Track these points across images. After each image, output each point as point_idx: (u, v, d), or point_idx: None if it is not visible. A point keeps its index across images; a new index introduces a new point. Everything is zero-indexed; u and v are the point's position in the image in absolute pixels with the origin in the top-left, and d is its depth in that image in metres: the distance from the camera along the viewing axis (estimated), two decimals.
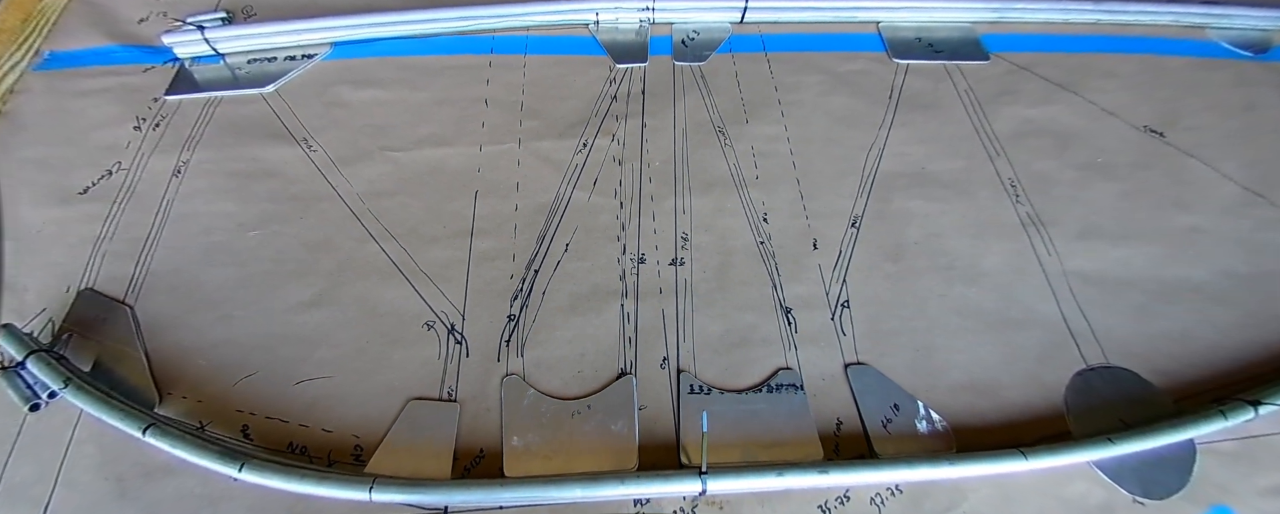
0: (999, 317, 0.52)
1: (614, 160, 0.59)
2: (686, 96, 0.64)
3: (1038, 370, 0.49)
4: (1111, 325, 0.52)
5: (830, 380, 0.48)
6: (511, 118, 0.62)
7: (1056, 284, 0.54)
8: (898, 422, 0.46)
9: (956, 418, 0.47)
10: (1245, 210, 0.60)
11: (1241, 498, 0.45)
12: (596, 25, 0.70)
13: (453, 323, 0.51)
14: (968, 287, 0.53)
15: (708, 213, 0.56)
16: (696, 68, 0.67)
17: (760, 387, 0.48)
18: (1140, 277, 0.55)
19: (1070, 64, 0.70)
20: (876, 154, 0.61)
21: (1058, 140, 0.63)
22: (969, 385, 0.48)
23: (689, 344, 0.49)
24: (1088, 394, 0.49)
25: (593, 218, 0.56)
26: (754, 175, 0.59)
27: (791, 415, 0.46)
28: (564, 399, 0.47)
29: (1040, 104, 0.66)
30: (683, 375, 0.48)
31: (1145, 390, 0.49)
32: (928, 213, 0.57)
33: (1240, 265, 0.56)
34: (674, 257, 0.53)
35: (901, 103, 0.65)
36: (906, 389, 0.48)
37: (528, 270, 0.53)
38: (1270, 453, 0.47)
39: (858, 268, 0.54)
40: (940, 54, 0.70)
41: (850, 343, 0.50)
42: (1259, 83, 0.71)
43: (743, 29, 0.70)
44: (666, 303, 0.51)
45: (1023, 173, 0.60)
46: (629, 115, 0.62)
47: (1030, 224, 0.57)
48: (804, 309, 0.51)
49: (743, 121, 0.62)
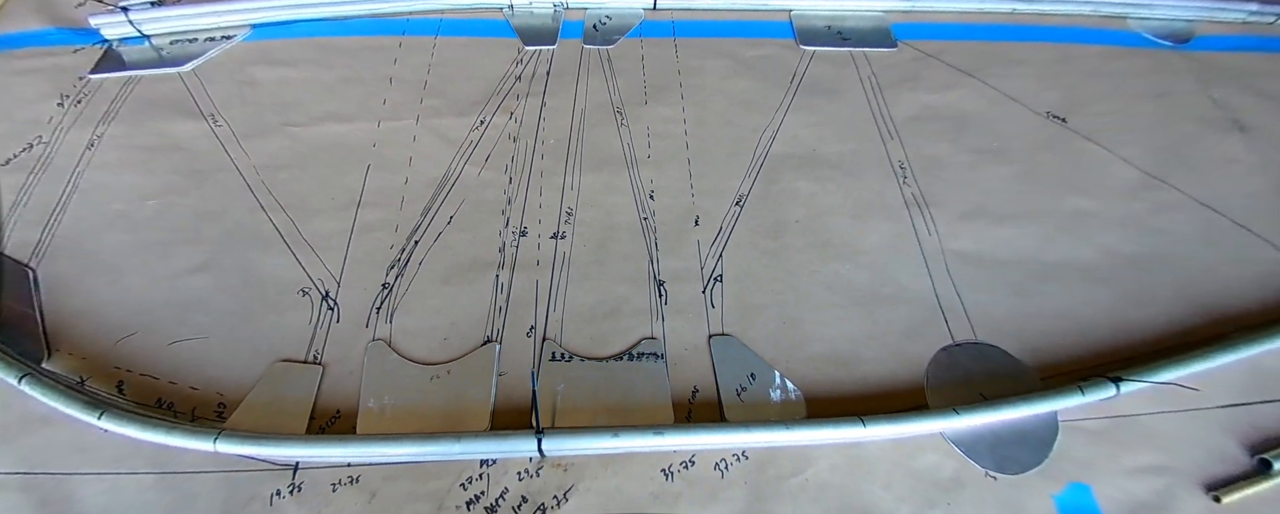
0: (870, 292, 0.52)
1: (509, 138, 0.60)
2: (590, 78, 0.65)
3: (902, 345, 0.50)
4: (985, 303, 0.52)
5: (692, 350, 0.49)
6: (413, 96, 0.64)
7: (933, 263, 0.54)
8: (752, 390, 0.47)
9: (813, 388, 0.47)
10: (1142, 193, 0.60)
11: (1103, 476, 0.45)
12: (511, 10, 0.71)
13: (328, 290, 0.52)
14: (842, 263, 0.53)
15: (596, 190, 0.57)
16: (604, 51, 0.68)
17: (622, 355, 0.48)
18: (1021, 257, 0.55)
19: (980, 51, 0.71)
20: (770, 136, 0.62)
21: (955, 124, 0.64)
22: (830, 357, 0.49)
23: (559, 314, 0.50)
24: (950, 369, 0.49)
25: (480, 192, 0.57)
26: (647, 154, 0.59)
27: (649, 383, 0.47)
28: (426, 364, 0.48)
29: (942, 90, 0.66)
30: (547, 343, 0.49)
31: (1011, 366, 0.49)
32: (813, 192, 0.58)
33: (1127, 246, 0.56)
34: (556, 230, 0.54)
35: (802, 88, 0.66)
36: (767, 359, 0.48)
37: (408, 241, 0.54)
38: (1139, 433, 0.47)
39: (736, 244, 0.54)
40: (848, 41, 0.71)
41: (718, 315, 0.50)
42: (1176, 71, 0.71)
43: (656, 15, 0.72)
44: (542, 274, 0.52)
45: (914, 155, 0.61)
46: (530, 95, 0.64)
47: (914, 205, 0.57)
48: (677, 282, 0.52)
49: (642, 103, 0.63)
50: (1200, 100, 0.69)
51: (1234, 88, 0.70)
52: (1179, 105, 0.68)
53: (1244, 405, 0.49)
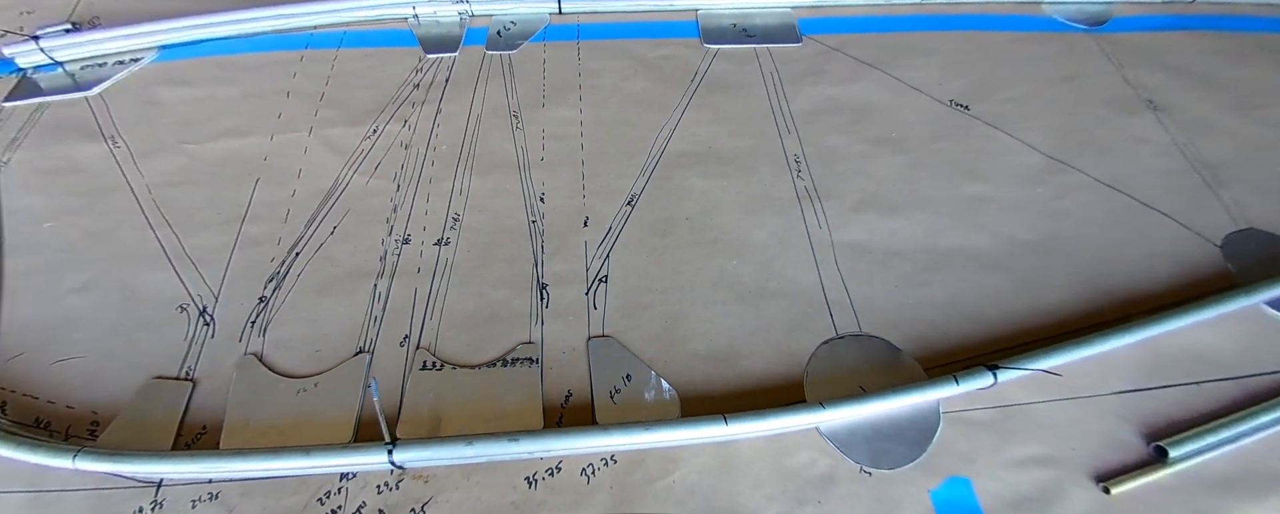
0: (756, 288, 0.51)
1: (401, 145, 0.60)
2: (489, 84, 0.65)
3: (784, 340, 0.48)
4: (872, 295, 0.51)
5: (570, 353, 0.48)
6: (309, 108, 0.64)
7: (822, 255, 0.53)
8: (626, 392, 0.45)
9: (691, 387, 0.46)
10: (1044, 177, 0.59)
11: (985, 469, 0.43)
12: (416, 19, 0.72)
13: (205, 305, 0.51)
14: (729, 259, 0.53)
15: (485, 194, 0.57)
16: (506, 56, 0.68)
17: (495, 362, 0.47)
18: (912, 247, 0.54)
19: (886, 43, 0.70)
20: (667, 134, 0.61)
21: (854, 116, 0.63)
22: (709, 355, 0.48)
23: (436, 322, 0.49)
24: (831, 362, 0.47)
25: (366, 201, 0.56)
26: (540, 157, 0.59)
27: (520, 388, 0.46)
28: (294, 377, 0.47)
29: (844, 83, 0.66)
30: (419, 352, 0.48)
31: (893, 358, 0.48)
32: (706, 189, 0.57)
33: (1026, 232, 0.55)
34: (441, 237, 0.54)
35: (702, 85, 0.66)
36: (645, 360, 0.47)
37: (289, 253, 0.54)
38: (1027, 422, 0.45)
39: (624, 244, 0.54)
40: (753, 38, 0.70)
41: (600, 316, 0.49)
42: (1088, 54, 0.70)
43: (562, 19, 0.72)
44: (422, 282, 0.52)
45: (811, 148, 0.60)
46: (426, 102, 0.63)
47: (806, 198, 0.56)
48: (560, 285, 0.51)
49: (539, 106, 0.63)
50: (1113, 81, 0.68)
51: (1149, 67, 0.69)
52: (1090, 87, 0.67)
53: (1142, 391, 0.48)
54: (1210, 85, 0.69)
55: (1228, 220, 0.58)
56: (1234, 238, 0.57)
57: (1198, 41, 0.73)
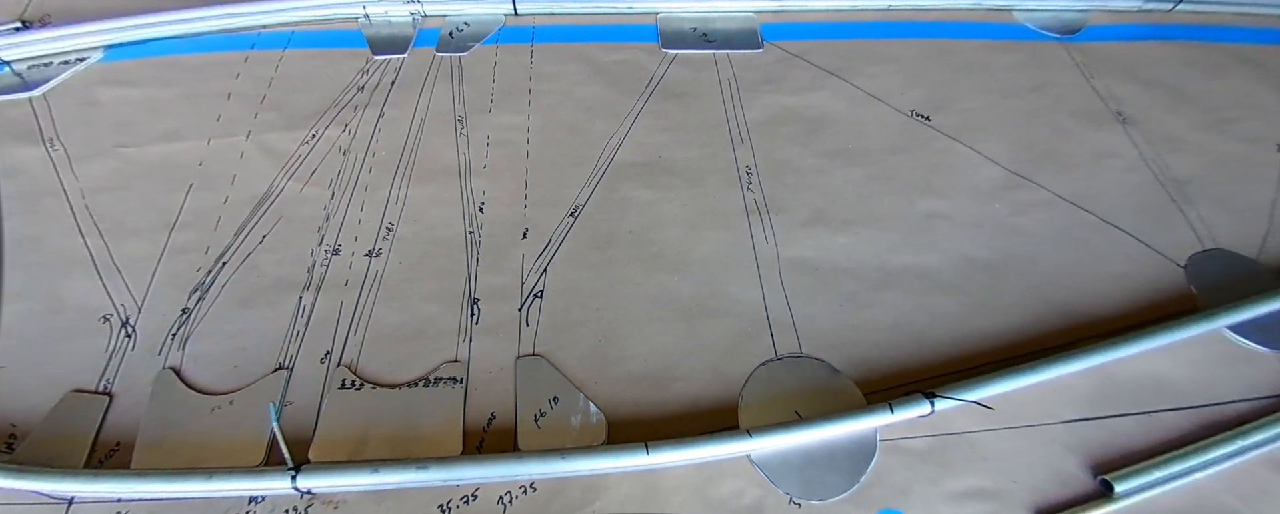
0: (696, 306, 0.49)
1: (340, 151, 0.58)
2: (435, 87, 0.63)
3: (721, 361, 0.47)
4: (816, 314, 0.49)
5: (497, 373, 0.46)
6: (249, 111, 0.62)
7: (767, 272, 0.51)
8: (552, 415, 0.44)
9: (620, 410, 0.44)
10: (1003, 193, 0.57)
11: (921, 502, 0.42)
12: (367, 19, 0.70)
13: (128, 316, 0.49)
14: (670, 275, 0.51)
15: (422, 203, 0.55)
16: (457, 59, 0.66)
17: (418, 381, 0.46)
18: (861, 264, 0.52)
19: (849, 50, 0.68)
20: (617, 143, 0.59)
21: (810, 127, 0.61)
22: (642, 377, 0.46)
23: (360, 338, 0.48)
24: (769, 385, 0.46)
25: (298, 209, 0.55)
26: (483, 164, 0.57)
27: (441, 410, 0.44)
28: (210, 394, 0.45)
29: (803, 91, 0.64)
30: (339, 370, 0.46)
31: (833, 382, 0.46)
32: (651, 201, 0.55)
33: (980, 251, 0.53)
34: (372, 247, 0.52)
35: (658, 92, 0.63)
36: (575, 381, 0.45)
37: (216, 263, 0.52)
38: (969, 452, 0.43)
39: (563, 257, 0.52)
40: (713, 43, 0.68)
41: (531, 334, 0.48)
42: (1058, 64, 0.68)
43: (517, 20, 0.69)
44: (349, 295, 0.50)
45: (763, 160, 0.58)
46: (369, 106, 0.61)
47: (755, 212, 0.54)
48: (493, 300, 0.49)
49: (486, 111, 0.61)
50: (1082, 93, 0.65)
51: (1120, 78, 0.67)
52: (1057, 98, 0.65)
53: (1091, 420, 0.46)
54: (1182, 98, 0.67)
55: (1194, 240, 0.56)
56: (1199, 258, 0.55)
57: (1173, 52, 0.70)
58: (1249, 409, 0.47)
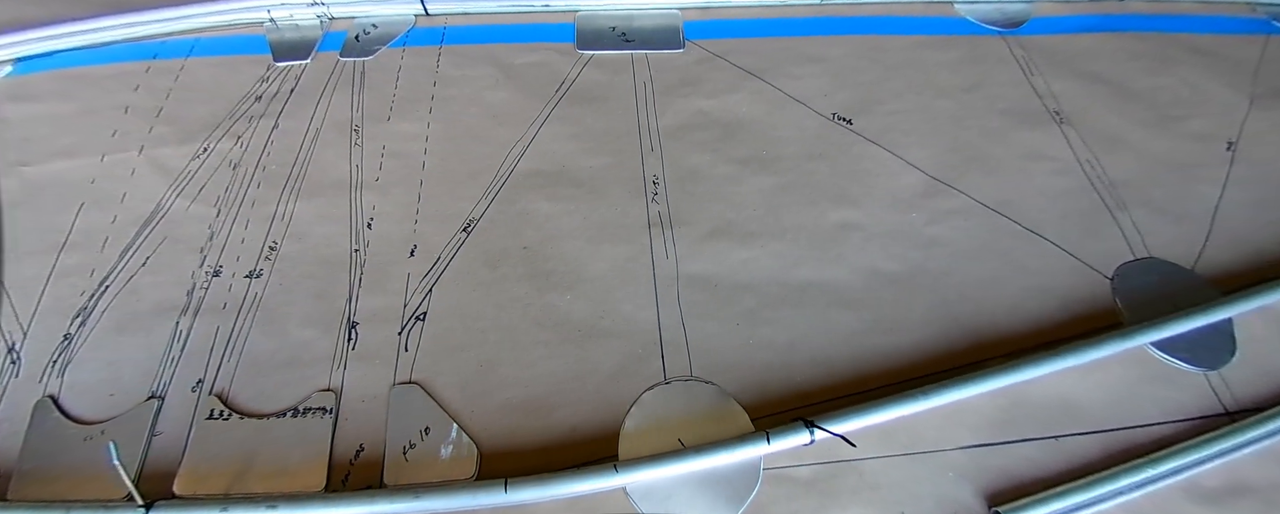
0: (586, 327, 0.47)
1: (230, 165, 0.56)
2: (335, 94, 0.60)
3: (607, 386, 0.44)
4: (711, 334, 0.47)
5: (371, 402, 0.44)
6: (144, 125, 0.59)
7: (664, 290, 0.49)
8: (422, 447, 0.42)
9: (496, 441, 0.43)
10: (922, 201, 0.54)
11: None
12: (273, 24, 0.67)
13: (14, 342, 0.48)
14: (563, 294, 0.48)
15: (308, 219, 0.53)
16: (361, 63, 0.63)
17: (286, 412, 0.44)
18: (762, 279, 0.49)
19: (775, 49, 0.65)
20: (520, 152, 0.57)
21: (724, 132, 0.58)
22: (521, 405, 0.44)
23: (233, 365, 0.46)
24: (655, 411, 0.43)
25: (183, 228, 0.53)
26: (375, 177, 0.55)
27: (308, 442, 0.42)
28: (85, 423, 0.44)
29: (721, 94, 0.61)
30: (209, 399, 0.44)
31: (722, 407, 0.44)
32: (550, 214, 0.53)
33: (890, 263, 0.50)
34: (253, 268, 0.50)
35: (568, 96, 0.61)
36: (451, 410, 0.43)
37: (99, 286, 0.50)
38: (855, 481, 0.41)
39: (451, 276, 0.50)
40: (632, 43, 0.65)
41: (410, 360, 0.46)
42: (997, 59, 0.64)
43: (428, 21, 0.67)
44: (226, 319, 0.48)
45: (671, 169, 0.55)
46: (264, 116, 0.59)
47: (657, 224, 0.52)
48: (372, 323, 0.47)
49: (384, 119, 0.59)
50: (1019, 91, 0.62)
51: (1062, 73, 0.63)
52: (991, 97, 0.61)
53: (991, 446, 0.44)
54: (1127, 94, 0.63)
55: (1125, 249, 0.53)
56: (1129, 269, 0.52)
57: (1122, 44, 0.66)
58: (1169, 433, 0.44)
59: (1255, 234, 0.54)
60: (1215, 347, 0.49)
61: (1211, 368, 0.48)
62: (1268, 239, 0.54)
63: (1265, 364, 0.47)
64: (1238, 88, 0.66)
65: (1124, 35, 0.69)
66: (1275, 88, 0.66)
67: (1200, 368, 0.48)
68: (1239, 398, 0.46)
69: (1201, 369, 0.48)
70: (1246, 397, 0.46)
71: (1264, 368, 0.47)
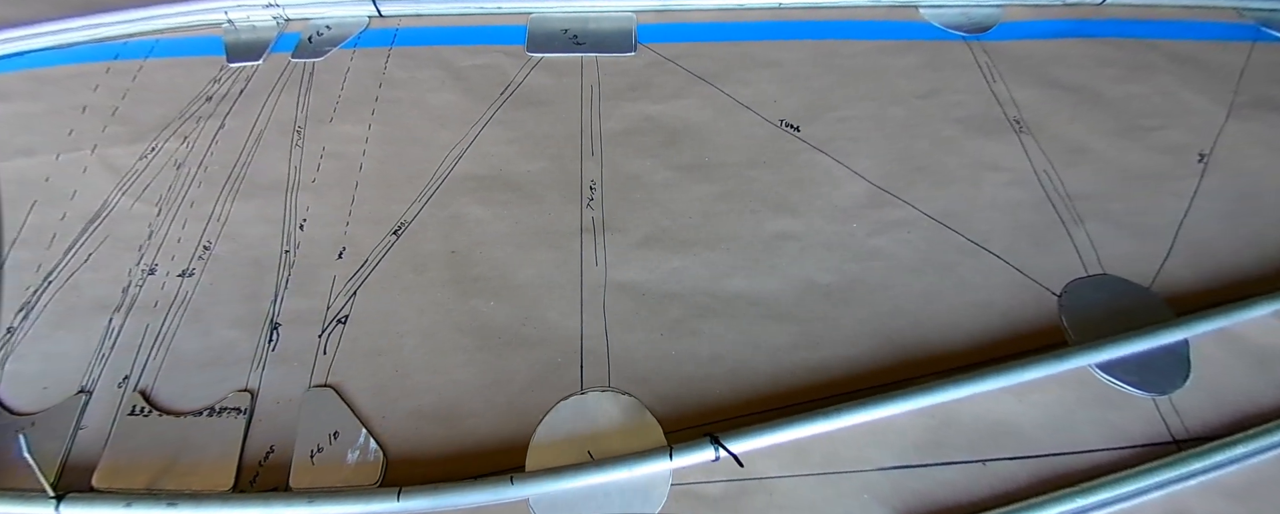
0: (508, 335, 0.46)
1: (175, 165, 0.56)
2: (282, 95, 0.61)
3: (522, 396, 0.44)
4: (634, 344, 0.46)
5: (285, 404, 0.44)
6: (99, 124, 0.60)
7: (590, 297, 0.48)
8: (329, 451, 0.42)
9: (404, 448, 0.42)
10: (863, 212, 0.52)
11: None
12: (231, 25, 0.68)
13: None
14: (487, 300, 0.48)
15: (243, 220, 0.53)
16: (311, 64, 0.63)
17: (203, 410, 0.44)
18: (691, 289, 0.48)
19: (729, 54, 0.64)
20: (458, 155, 0.56)
21: (668, 138, 0.57)
22: (433, 412, 0.43)
23: (159, 362, 0.46)
24: (567, 423, 0.43)
25: (125, 226, 0.53)
26: (312, 178, 0.55)
27: (222, 442, 0.42)
28: (19, 415, 0.45)
29: (668, 99, 0.60)
30: (133, 396, 0.45)
31: (635, 420, 0.43)
32: (483, 219, 0.52)
33: (826, 275, 0.49)
34: (186, 267, 0.50)
35: (512, 100, 0.60)
36: (362, 415, 0.43)
37: (44, 281, 0.51)
38: (765, 501, 0.39)
39: (377, 280, 0.49)
40: (583, 46, 0.64)
41: (328, 362, 0.45)
42: (958, 65, 0.62)
43: (382, 23, 0.67)
44: (156, 317, 0.48)
45: (611, 174, 0.55)
46: (212, 117, 0.60)
47: (590, 231, 0.51)
48: (294, 325, 0.47)
49: (327, 121, 0.59)
50: (978, 98, 0.60)
51: (1028, 80, 0.61)
52: (948, 105, 0.59)
53: (914, 468, 0.42)
54: (1097, 102, 0.61)
55: (1078, 264, 0.51)
56: (1079, 286, 0.50)
57: (1097, 50, 0.64)
58: (1108, 460, 0.42)
59: (1221, 251, 0.52)
60: (1167, 370, 0.47)
61: (1161, 393, 0.46)
62: (1235, 257, 0.52)
63: (1220, 391, 0.45)
64: (1217, 97, 0.63)
65: (1099, 41, 0.67)
66: (1257, 97, 0.63)
67: (1149, 393, 0.46)
68: (1190, 426, 0.44)
69: (1150, 394, 0.46)
70: (1197, 425, 0.44)
71: (1219, 395, 0.45)
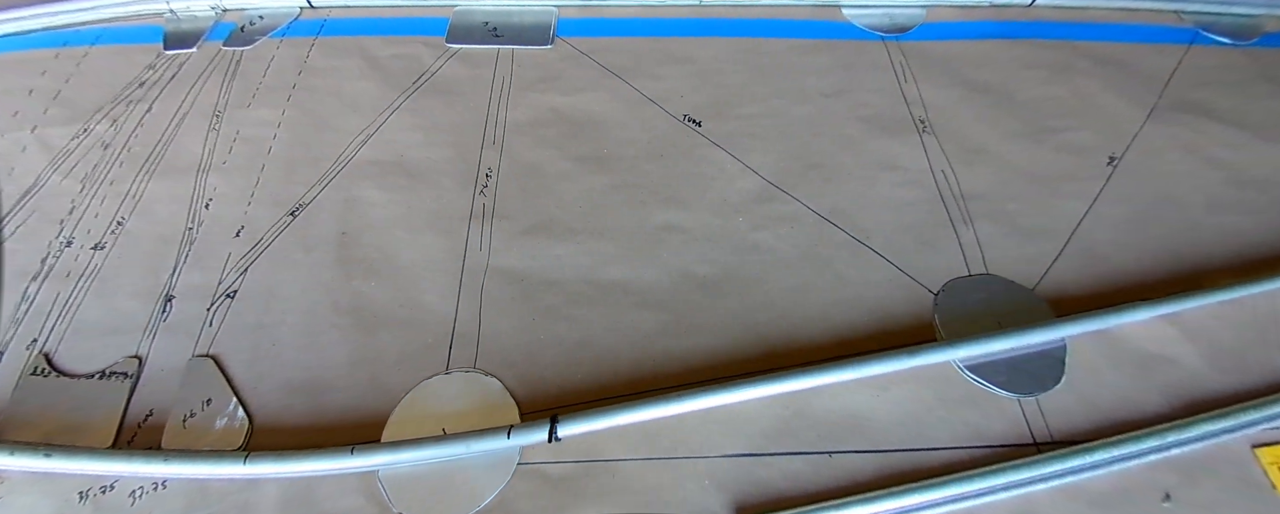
0: (384, 315, 0.48)
1: (103, 145, 0.59)
2: (208, 81, 0.63)
3: (388, 373, 0.45)
4: (505, 328, 0.47)
5: (168, 372, 0.46)
6: (41, 106, 0.63)
7: (470, 282, 0.49)
8: (201, 417, 0.44)
9: (270, 417, 0.44)
10: (751, 207, 0.52)
11: None
12: (172, 15, 0.71)
13: None
14: (368, 281, 0.49)
15: (156, 198, 0.55)
16: (238, 52, 0.66)
17: (96, 374, 0.46)
18: (571, 277, 0.49)
19: (645, 49, 0.64)
20: (363, 141, 0.58)
21: (572, 130, 0.58)
22: (302, 385, 0.45)
23: (64, 328, 0.49)
24: (428, 401, 0.44)
25: (52, 202, 0.56)
26: (223, 161, 0.57)
27: (107, 403, 0.45)
28: None
29: (578, 92, 0.61)
30: (37, 358, 0.47)
31: (494, 401, 0.44)
32: (377, 202, 0.54)
33: (704, 267, 0.49)
34: (99, 240, 0.53)
35: (424, 89, 0.62)
36: (236, 385, 0.45)
37: None
38: (607, 483, 0.40)
39: (268, 258, 0.51)
40: (501, 38, 0.65)
41: (212, 334, 0.48)
42: (870, 66, 0.62)
43: (313, 14, 0.69)
44: (68, 286, 0.51)
45: (510, 163, 0.56)
46: (143, 101, 0.62)
47: (480, 217, 0.52)
48: (187, 298, 0.50)
49: (245, 106, 0.61)
50: (886, 98, 0.59)
51: (943, 81, 0.61)
52: (854, 104, 0.59)
53: (760, 456, 0.43)
54: (1008, 103, 0.60)
55: (961, 264, 0.51)
56: (958, 285, 0.49)
57: (1019, 52, 0.63)
58: (957, 459, 0.42)
59: (1116, 255, 0.51)
60: (1038, 373, 0.46)
61: (1028, 394, 0.45)
62: (1130, 261, 0.51)
63: (1091, 395, 0.44)
64: (1138, 99, 0.61)
65: (1023, 43, 0.65)
66: (1182, 100, 0.62)
67: (1015, 394, 0.46)
68: (1054, 429, 0.44)
69: (1016, 395, 0.46)
70: (1063, 428, 0.44)
71: (1089, 399, 0.44)
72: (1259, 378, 0.46)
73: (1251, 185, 0.55)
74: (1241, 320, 0.48)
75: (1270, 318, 0.48)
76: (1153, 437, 0.42)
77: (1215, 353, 0.46)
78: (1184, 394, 0.45)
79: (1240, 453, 0.43)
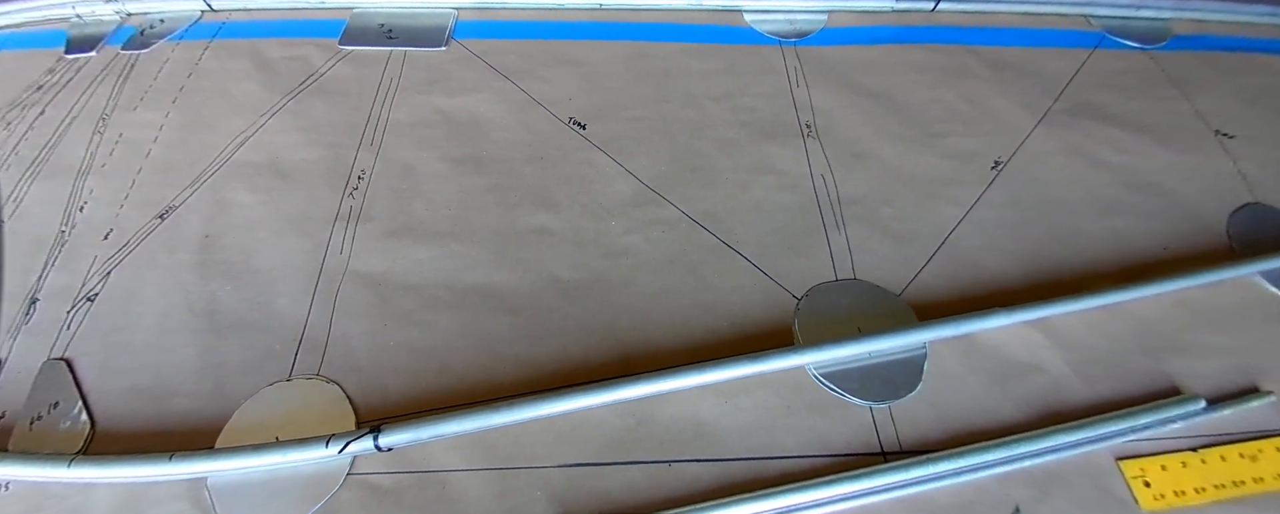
0: (235, 319, 0.47)
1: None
2: (101, 85, 0.63)
3: (232, 380, 0.44)
4: (356, 334, 0.46)
5: (24, 374, 0.45)
6: None
7: (326, 286, 0.49)
8: (46, 420, 0.43)
9: (113, 422, 0.43)
10: (625, 211, 0.52)
11: None
12: (79, 19, 0.70)
13: None
14: (224, 284, 0.49)
15: (35, 202, 0.55)
16: (134, 56, 0.66)
17: None
18: (430, 281, 0.49)
19: (537, 51, 0.64)
20: (241, 142, 0.58)
21: (453, 131, 0.58)
22: (148, 390, 0.44)
23: None
24: (267, 408, 0.43)
25: None
26: (103, 163, 0.57)
27: None
28: None
29: (464, 93, 0.60)
30: None
31: (332, 409, 0.43)
32: (246, 204, 0.53)
33: (570, 271, 0.49)
34: None
35: (309, 90, 0.61)
36: (84, 388, 0.45)
37: None
38: (434, 493, 0.39)
39: (132, 261, 0.51)
40: (395, 40, 0.65)
41: (69, 337, 0.47)
42: (761, 70, 0.61)
43: (213, 16, 0.69)
44: None
45: (385, 164, 0.55)
46: (36, 104, 0.62)
47: (344, 219, 0.52)
48: (51, 300, 0.49)
49: (132, 109, 0.61)
50: (774, 103, 0.59)
51: (835, 86, 0.60)
52: (739, 108, 0.58)
53: (598, 466, 0.42)
54: (896, 108, 0.59)
55: (829, 268, 0.50)
56: (821, 290, 0.48)
57: (915, 56, 0.62)
58: (800, 468, 0.41)
59: (988, 260, 0.50)
60: (893, 379, 0.45)
61: (878, 402, 0.45)
62: (1003, 266, 0.50)
63: (945, 403, 0.43)
64: (1031, 104, 0.61)
65: (920, 48, 0.65)
66: (1079, 104, 0.61)
67: (866, 401, 0.45)
68: (904, 438, 0.43)
69: (867, 402, 0.45)
70: (912, 437, 0.43)
71: (943, 407, 0.43)
72: (1130, 388, 0.46)
73: (1144, 189, 0.55)
74: (1116, 329, 0.48)
75: (1146, 325, 0.48)
76: (1002, 447, 0.42)
77: (1084, 361, 0.45)
78: (1045, 403, 0.44)
79: (1103, 465, 0.42)
